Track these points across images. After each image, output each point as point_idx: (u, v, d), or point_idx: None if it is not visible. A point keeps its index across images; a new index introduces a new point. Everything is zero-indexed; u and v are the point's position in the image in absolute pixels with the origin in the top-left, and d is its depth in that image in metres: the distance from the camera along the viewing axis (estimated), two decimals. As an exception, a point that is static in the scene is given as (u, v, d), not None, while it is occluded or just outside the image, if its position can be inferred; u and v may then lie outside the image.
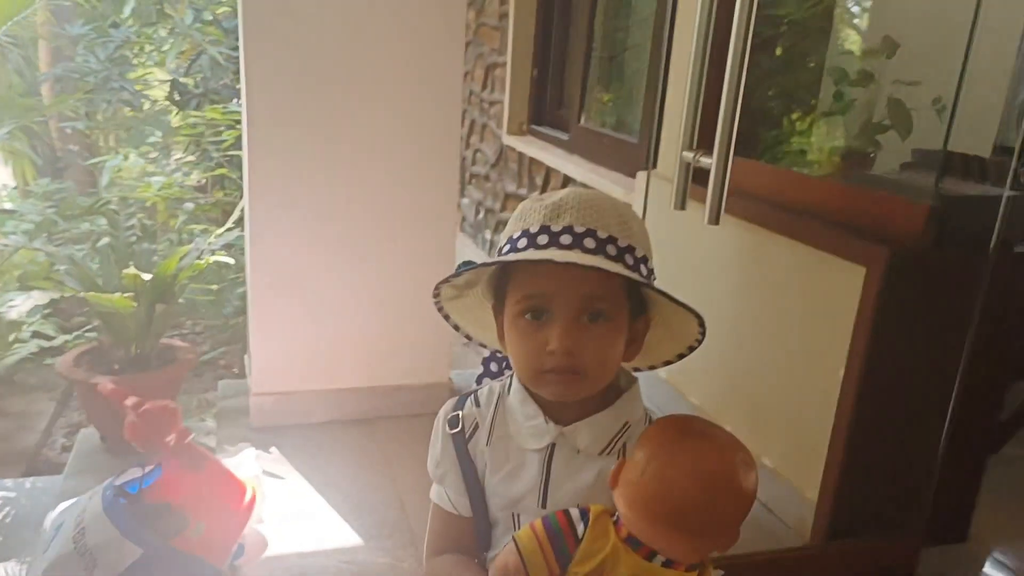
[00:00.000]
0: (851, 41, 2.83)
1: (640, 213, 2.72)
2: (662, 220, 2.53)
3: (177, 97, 3.83)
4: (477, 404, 0.92)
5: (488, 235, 4.50)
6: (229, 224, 2.33)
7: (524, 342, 0.82)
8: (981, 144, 2.55)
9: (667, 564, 0.77)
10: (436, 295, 0.88)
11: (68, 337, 2.88)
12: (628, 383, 0.88)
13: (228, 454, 2.07)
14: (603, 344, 0.80)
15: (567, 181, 3.43)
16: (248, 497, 1.76)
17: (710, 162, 1.30)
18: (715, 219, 1.30)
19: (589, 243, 0.79)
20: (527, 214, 0.84)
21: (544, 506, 0.86)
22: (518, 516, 0.88)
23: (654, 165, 2.78)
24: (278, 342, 2.25)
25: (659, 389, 2.35)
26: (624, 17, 3.64)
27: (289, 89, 2.08)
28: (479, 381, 0.97)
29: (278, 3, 2.02)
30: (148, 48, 4.05)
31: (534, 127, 4.07)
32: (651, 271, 0.85)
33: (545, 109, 4.04)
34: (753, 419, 1.95)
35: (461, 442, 0.90)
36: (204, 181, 3.26)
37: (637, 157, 2.97)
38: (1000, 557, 1.98)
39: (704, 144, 1.48)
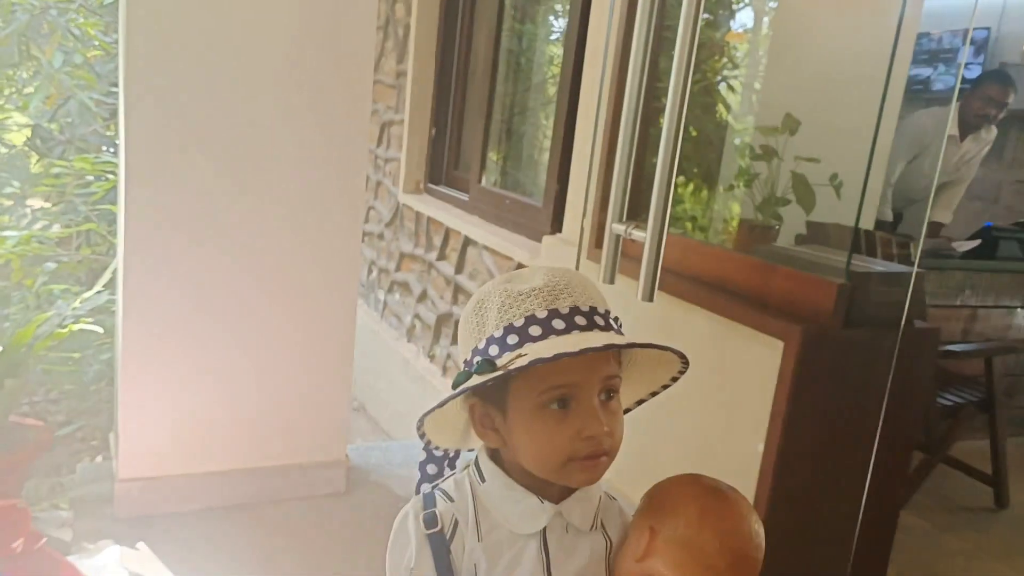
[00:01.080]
0: (743, 116, 2.94)
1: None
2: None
3: (39, 143, 3.49)
4: (450, 499, 0.82)
5: (382, 295, 4.33)
6: (98, 287, 2.08)
7: (555, 432, 0.77)
8: (867, 217, 2.69)
9: None
10: (421, 424, 0.82)
11: None
12: None
13: (88, 554, 1.79)
14: (620, 419, 0.81)
15: (468, 242, 3.35)
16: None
17: (643, 235, 1.24)
18: (649, 296, 1.24)
19: (599, 320, 0.78)
20: (514, 301, 0.78)
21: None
22: None
23: (559, 229, 2.76)
24: (151, 420, 2.00)
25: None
26: (524, 83, 3.67)
27: (174, 143, 1.89)
28: (419, 489, 0.85)
29: (164, 50, 1.85)
30: (7, 91, 3.70)
31: (431, 186, 3.99)
32: None
33: (442, 169, 3.98)
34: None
35: (441, 543, 0.79)
36: (68, 236, 2.95)
37: (540, 220, 2.94)
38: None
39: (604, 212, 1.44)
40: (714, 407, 1.88)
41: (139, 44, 1.83)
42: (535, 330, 0.75)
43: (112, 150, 3.33)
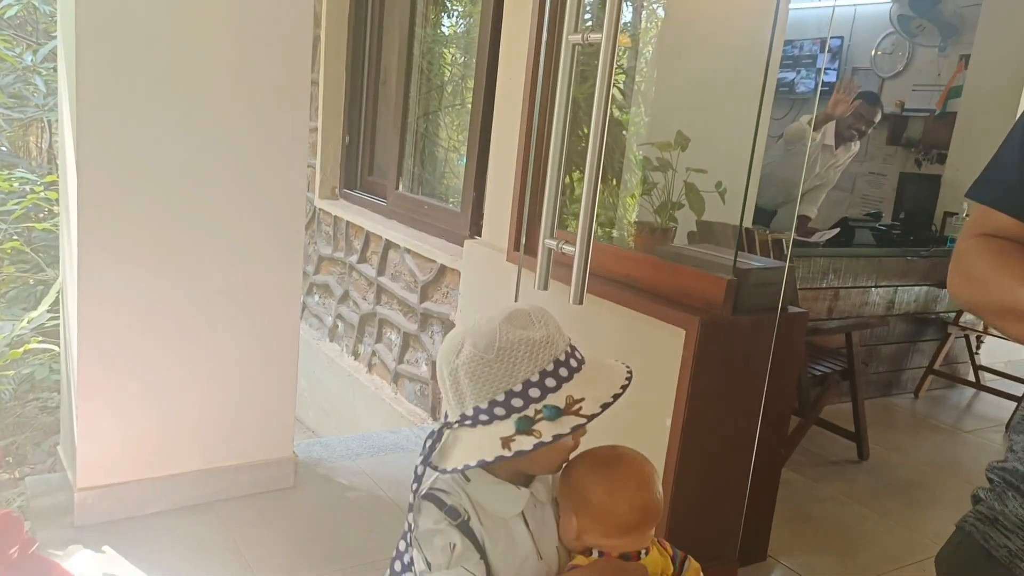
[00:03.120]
0: (638, 126, 3.26)
1: (464, 277, 2.90)
2: (490, 282, 2.73)
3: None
4: (448, 494, 0.99)
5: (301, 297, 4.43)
6: (44, 307, 2.13)
7: (563, 450, 1.00)
8: (746, 216, 3.06)
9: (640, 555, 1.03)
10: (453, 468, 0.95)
11: None
12: None
13: (60, 560, 1.89)
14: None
15: (389, 245, 3.53)
16: (100, 606, 1.64)
17: (572, 250, 1.49)
18: (579, 299, 1.50)
19: (578, 355, 1.00)
20: (542, 347, 0.95)
21: (541, 557, 1.00)
22: None
23: (477, 233, 2.99)
24: (106, 430, 2.09)
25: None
26: (436, 92, 3.85)
27: (124, 161, 1.99)
28: (413, 489, 0.99)
29: (112, 78, 1.94)
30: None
31: (346, 191, 4.13)
32: None
33: (357, 174, 4.13)
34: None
35: (467, 528, 0.96)
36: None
37: (459, 224, 3.16)
38: (794, 568, 2.35)
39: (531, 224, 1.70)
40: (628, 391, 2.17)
41: (88, 73, 1.92)
42: (550, 382, 0.93)
43: (20, 162, 3.29)
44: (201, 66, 2.05)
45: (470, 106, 3.20)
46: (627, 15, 3.21)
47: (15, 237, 2.92)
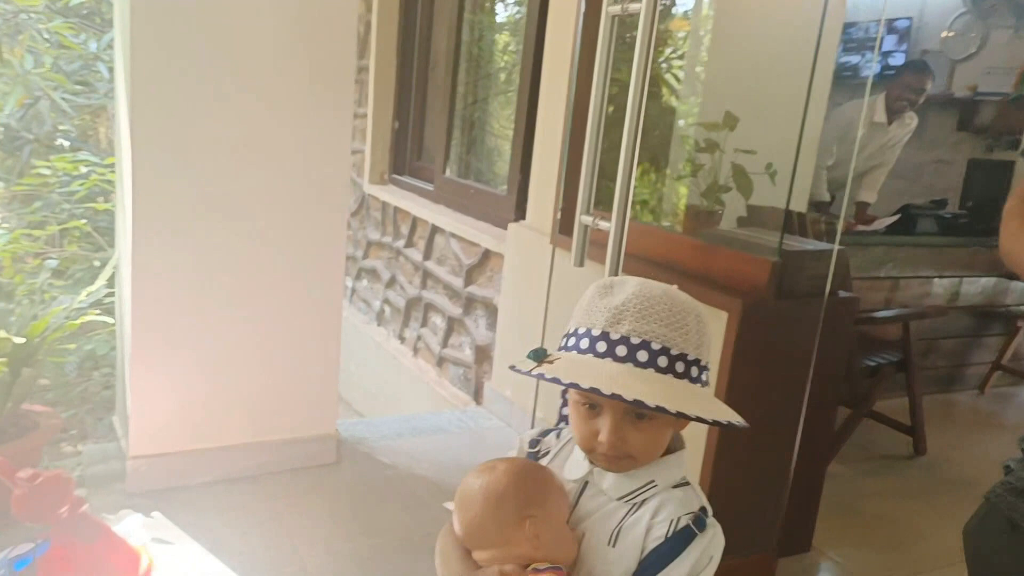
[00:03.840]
0: (691, 112, 3.20)
1: (508, 261, 2.90)
2: (533, 265, 2.72)
3: (7, 143, 3.56)
4: (557, 436, 1.03)
5: (350, 282, 4.50)
6: (101, 281, 2.22)
7: (581, 425, 0.91)
8: (801, 200, 2.98)
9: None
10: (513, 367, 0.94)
11: None
12: (672, 449, 0.95)
13: (111, 523, 1.96)
14: (649, 437, 0.89)
15: (435, 230, 3.55)
16: (144, 565, 1.71)
17: (608, 225, 1.48)
18: (615, 273, 1.48)
19: (642, 356, 0.85)
20: (592, 311, 0.90)
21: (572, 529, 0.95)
22: None
23: (523, 216, 2.98)
24: (159, 401, 2.17)
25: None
26: (484, 78, 3.86)
27: (177, 143, 2.05)
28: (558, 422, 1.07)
29: (166, 57, 2.00)
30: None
31: (395, 176, 4.17)
32: (702, 369, 0.90)
33: (406, 160, 4.16)
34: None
35: (535, 459, 1.01)
36: (52, 235, 3.04)
37: (504, 208, 3.16)
38: (839, 560, 2.29)
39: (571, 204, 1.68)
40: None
41: (143, 54, 1.98)
42: (584, 343, 0.88)
43: (86, 147, 3.42)
44: (248, 51, 2.10)
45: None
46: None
47: (79, 217, 3.04)
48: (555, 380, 0.86)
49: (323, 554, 2.03)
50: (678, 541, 0.87)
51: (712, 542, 0.89)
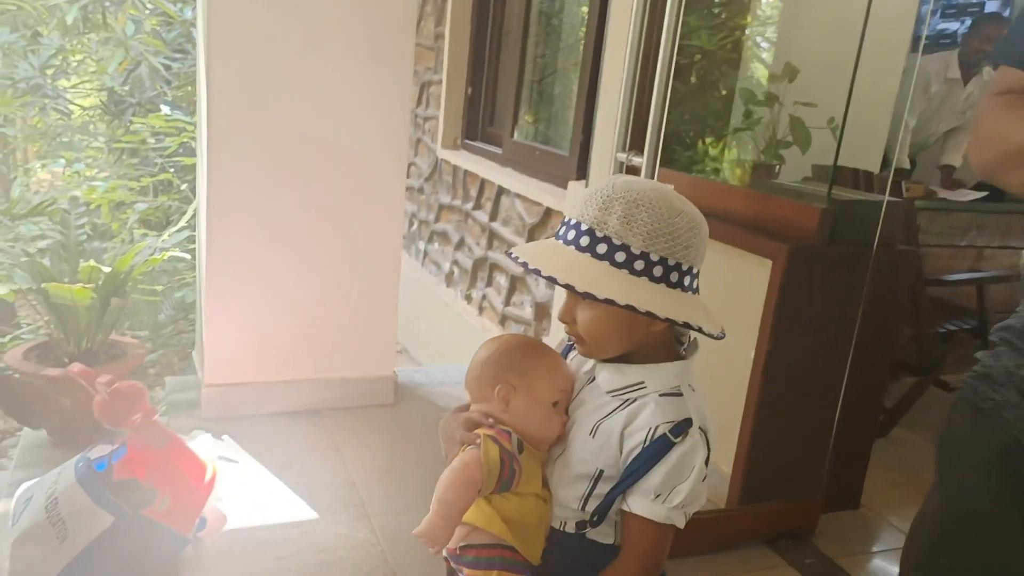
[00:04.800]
0: (757, 68, 3.15)
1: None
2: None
3: (112, 106, 3.85)
4: None
5: (422, 245, 4.64)
6: (183, 223, 2.41)
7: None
8: (873, 159, 2.88)
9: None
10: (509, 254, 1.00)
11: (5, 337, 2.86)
12: (664, 358, 0.98)
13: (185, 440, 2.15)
14: (590, 320, 0.93)
15: (501, 191, 3.63)
16: (209, 474, 1.86)
17: (641, 160, 1.51)
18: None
19: (584, 241, 0.90)
20: (578, 199, 0.95)
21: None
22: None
23: (584, 176, 3.02)
24: (231, 335, 2.34)
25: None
26: (554, 42, 3.89)
27: (249, 99, 2.20)
28: None
29: (240, 22, 2.14)
30: (79, 56, 4.05)
31: (467, 141, 4.27)
32: (674, 271, 0.92)
33: (478, 125, 4.24)
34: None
35: (567, 350, 1.07)
36: (147, 185, 3.30)
37: (567, 168, 3.20)
38: (889, 520, 2.25)
39: (634, 147, 1.71)
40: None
41: (219, 19, 2.13)
42: (561, 229, 0.94)
43: (181, 110, 3.67)
44: (316, 18, 2.22)
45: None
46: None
47: (170, 170, 3.28)
48: (523, 264, 0.92)
49: (375, 484, 2.15)
50: (656, 448, 0.91)
51: (692, 450, 0.92)
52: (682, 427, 0.92)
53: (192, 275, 3.06)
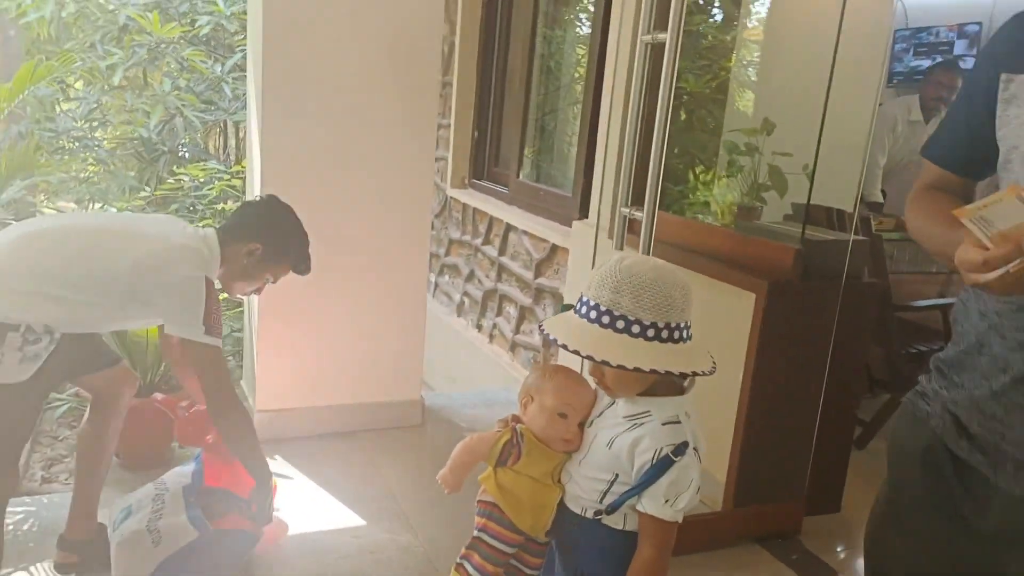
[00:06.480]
0: (741, 106, 3.48)
1: (571, 254, 3.25)
2: (589, 257, 3.06)
3: (144, 154, 4.18)
4: None
5: (433, 278, 4.95)
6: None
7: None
8: (848, 197, 3.20)
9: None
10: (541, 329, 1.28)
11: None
12: (666, 393, 1.24)
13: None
14: (615, 376, 1.20)
15: (509, 228, 3.95)
16: (272, 483, 2.14)
17: (641, 215, 1.82)
18: (647, 252, 1.82)
19: (605, 320, 1.17)
20: (592, 281, 1.21)
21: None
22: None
23: (586, 215, 3.33)
24: (279, 367, 2.64)
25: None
26: (555, 87, 4.23)
27: (294, 156, 2.52)
28: None
29: (289, 83, 2.46)
30: (115, 108, 4.37)
31: (475, 181, 4.59)
32: (674, 330, 1.18)
33: (484, 166, 4.58)
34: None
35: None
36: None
37: (569, 207, 3.51)
38: (864, 521, 2.53)
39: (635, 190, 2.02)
40: (704, 346, 2.42)
41: (272, 80, 2.45)
42: (579, 307, 1.21)
43: (215, 159, 3.99)
44: (353, 74, 2.54)
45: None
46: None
47: (208, 216, 3.59)
48: (562, 345, 1.19)
49: (413, 495, 2.43)
50: (661, 465, 1.19)
51: (689, 466, 1.20)
52: (681, 448, 1.20)
53: (235, 309, 3.35)
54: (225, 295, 2.54)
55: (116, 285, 1.78)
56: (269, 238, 1.98)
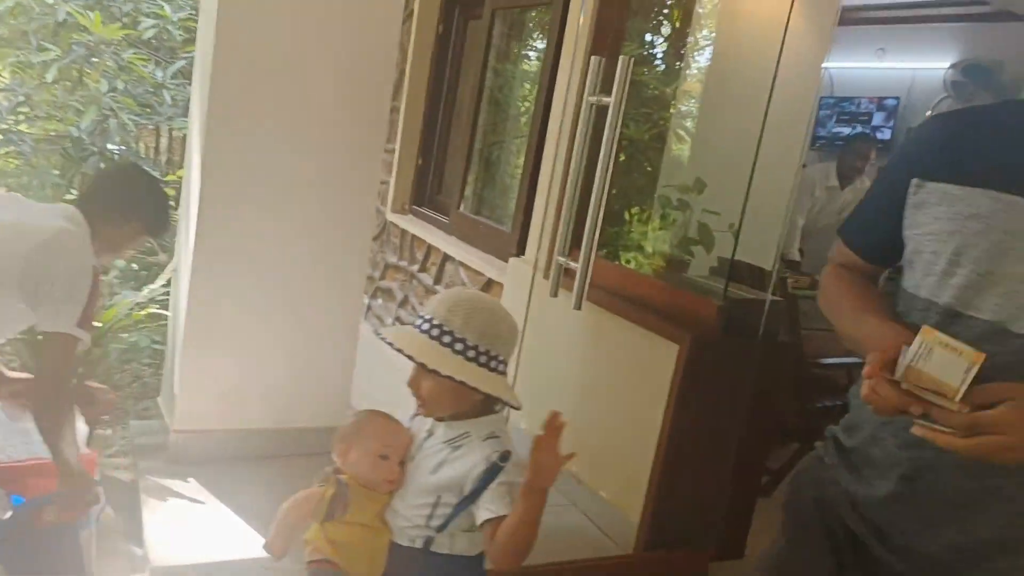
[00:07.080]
0: (672, 166, 3.62)
1: (505, 290, 3.30)
2: (525, 296, 3.12)
3: (71, 153, 4.05)
4: None
5: (366, 300, 4.92)
6: (161, 281, 2.64)
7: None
8: (768, 255, 3.36)
9: None
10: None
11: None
12: (480, 414, 1.38)
13: (148, 483, 2.37)
14: (431, 387, 1.34)
15: (447, 258, 3.98)
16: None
17: (576, 266, 1.89)
18: (578, 305, 1.89)
19: (435, 332, 1.31)
20: (435, 303, 1.36)
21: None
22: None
23: (523, 252, 3.40)
24: (201, 386, 2.58)
25: (517, 435, 2.89)
26: (501, 124, 4.31)
27: (236, 172, 2.48)
28: None
29: (238, 92, 2.44)
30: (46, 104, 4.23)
31: (415, 208, 4.61)
32: (494, 359, 1.33)
33: (426, 193, 4.60)
34: (594, 462, 2.52)
35: (414, 419, 1.47)
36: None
37: (507, 243, 3.57)
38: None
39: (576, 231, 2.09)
40: (626, 391, 2.51)
41: (220, 92, 2.43)
42: (418, 321, 1.34)
43: (151, 166, 3.89)
44: (304, 94, 2.54)
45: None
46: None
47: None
48: (389, 343, 1.31)
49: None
50: (492, 472, 1.31)
51: (514, 470, 1.31)
52: (506, 456, 1.32)
53: (153, 323, 3.27)
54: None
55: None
56: (134, 206, 1.98)
